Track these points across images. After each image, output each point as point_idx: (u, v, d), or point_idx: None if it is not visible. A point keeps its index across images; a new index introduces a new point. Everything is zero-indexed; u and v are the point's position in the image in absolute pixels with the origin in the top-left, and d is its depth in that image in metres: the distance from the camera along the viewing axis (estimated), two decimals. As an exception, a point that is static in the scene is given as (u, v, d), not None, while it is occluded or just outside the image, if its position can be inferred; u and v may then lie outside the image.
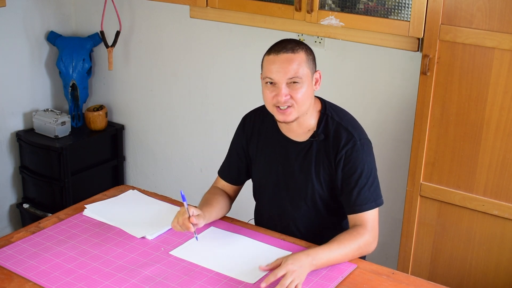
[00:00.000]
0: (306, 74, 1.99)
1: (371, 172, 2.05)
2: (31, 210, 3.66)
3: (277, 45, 2.02)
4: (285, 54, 1.98)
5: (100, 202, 2.31)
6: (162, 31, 3.52)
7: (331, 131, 2.06)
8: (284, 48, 1.99)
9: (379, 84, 2.90)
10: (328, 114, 2.09)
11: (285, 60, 1.97)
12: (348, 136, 2.04)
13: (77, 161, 3.59)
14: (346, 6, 2.56)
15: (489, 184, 2.37)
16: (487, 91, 2.30)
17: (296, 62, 1.97)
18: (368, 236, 2.00)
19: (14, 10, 3.48)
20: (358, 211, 2.02)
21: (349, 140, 2.04)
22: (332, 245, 1.94)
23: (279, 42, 2.03)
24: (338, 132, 2.05)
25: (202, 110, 3.50)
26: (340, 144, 2.04)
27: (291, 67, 1.97)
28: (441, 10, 2.31)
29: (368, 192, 2.03)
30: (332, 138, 2.05)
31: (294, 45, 2.00)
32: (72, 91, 3.67)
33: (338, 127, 2.06)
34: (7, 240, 2.05)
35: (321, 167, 2.08)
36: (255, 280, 1.84)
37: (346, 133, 2.05)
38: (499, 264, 2.43)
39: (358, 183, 2.02)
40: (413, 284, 1.87)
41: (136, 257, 1.96)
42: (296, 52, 1.99)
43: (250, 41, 3.22)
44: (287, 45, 2.00)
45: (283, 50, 1.98)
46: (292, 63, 1.97)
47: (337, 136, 2.05)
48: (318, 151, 2.08)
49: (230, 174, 2.29)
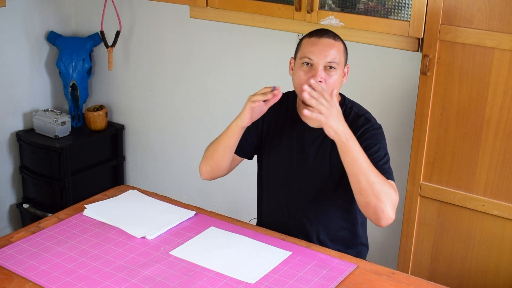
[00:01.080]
0: (342, 63, 2.08)
1: (386, 153, 2.09)
2: (31, 210, 3.66)
3: (319, 31, 2.10)
4: (327, 39, 2.07)
5: (100, 202, 2.31)
6: (162, 31, 3.52)
7: (348, 117, 2.11)
8: (326, 34, 2.08)
9: (379, 84, 2.90)
10: (347, 104, 2.16)
11: (328, 44, 2.05)
12: (365, 121, 2.11)
13: (77, 161, 3.59)
14: (346, 6, 2.56)
15: (489, 184, 2.37)
16: (487, 91, 2.30)
17: (336, 48, 2.06)
18: (392, 189, 1.96)
19: (14, 10, 3.48)
20: None
21: (365, 123, 2.11)
22: (366, 157, 1.94)
23: (319, 30, 2.11)
24: (356, 118, 2.12)
25: (202, 110, 3.50)
26: (357, 126, 2.09)
27: (332, 51, 2.05)
28: (441, 10, 2.31)
29: (386, 166, 2.05)
30: (349, 123, 2.04)
31: (334, 34, 2.10)
32: (72, 91, 3.67)
33: (356, 114, 2.14)
34: (7, 240, 2.05)
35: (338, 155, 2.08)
36: (255, 280, 1.84)
37: (363, 118, 2.12)
38: (499, 264, 2.43)
39: (376, 156, 2.04)
40: (413, 284, 1.87)
41: (136, 257, 1.96)
42: (337, 40, 2.09)
43: (250, 41, 3.22)
44: (328, 32, 2.09)
45: (325, 35, 2.08)
46: (333, 48, 2.05)
47: (354, 121, 2.11)
48: None
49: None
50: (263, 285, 1.82)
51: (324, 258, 1.97)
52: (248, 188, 2.48)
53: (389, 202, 1.92)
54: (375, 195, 1.91)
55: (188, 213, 2.23)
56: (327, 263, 1.94)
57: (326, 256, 1.98)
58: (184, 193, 3.66)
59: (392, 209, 1.94)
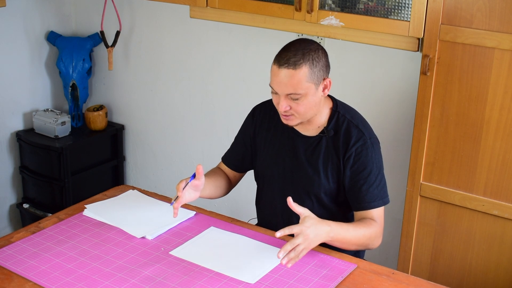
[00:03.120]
0: (307, 88, 1.98)
1: (380, 170, 2.10)
2: (31, 210, 3.66)
3: (283, 53, 1.98)
4: (285, 70, 1.95)
5: (100, 202, 2.31)
6: (162, 31, 3.52)
7: (341, 128, 2.09)
8: (287, 63, 1.95)
9: (379, 84, 2.90)
10: (339, 111, 2.12)
11: (285, 77, 1.96)
12: (358, 134, 2.08)
13: (77, 161, 3.59)
14: (346, 6, 2.56)
15: (489, 184, 2.37)
16: (487, 91, 2.30)
17: (296, 79, 1.96)
18: (378, 230, 2.06)
19: (14, 10, 3.48)
20: (366, 208, 2.08)
21: (359, 138, 2.07)
22: (349, 226, 2.00)
23: (287, 48, 1.99)
24: (349, 130, 2.09)
25: (202, 110, 3.50)
26: (350, 141, 2.07)
27: (290, 84, 1.96)
28: (441, 10, 2.31)
29: (376, 190, 2.07)
30: (343, 135, 2.08)
31: (299, 58, 1.95)
32: (72, 91, 3.67)
33: (349, 125, 2.10)
34: (7, 240, 2.05)
35: (330, 163, 2.11)
36: (255, 280, 1.84)
37: (357, 131, 2.08)
38: (499, 264, 2.43)
39: (367, 180, 2.06)
40: (413, 284, 1.87)
41: (136, 257, 1.96)
42: (298, 67, 1.95)
43: (250, 41, 3.22)
44: (290, 58, 1.95)
45: (285, 65, 1.95)
46: (293, 79, 1.96)
47: (347, 133, 2.08)
48: (327, 146, 2.11)
49: (233, 160, 2.32)
50: (263, 285, 1.82)
51: (324, 258, 1.98)
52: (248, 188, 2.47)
53: (377, 242, 2.07)
54: (364, 247, 2.07)
55: (188, 213, 2.23)
56: (327, 263, 1.94)
57: (326, 256, 1.98)
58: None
59: (379, 240, 2.08)
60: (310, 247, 1.87)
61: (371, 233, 2.03)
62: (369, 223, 2.05)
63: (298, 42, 2.02)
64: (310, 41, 2.03)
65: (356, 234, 2.00)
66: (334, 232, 1.93)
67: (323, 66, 2.01)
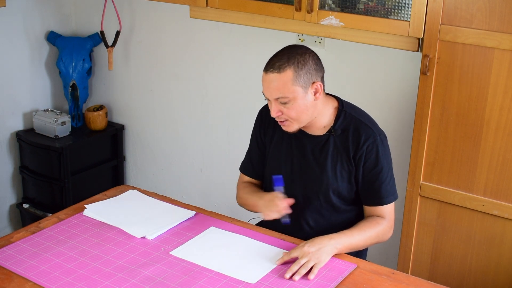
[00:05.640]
0: (294, 91, 1.99)
1: (390, 166, 2.14)
2: (31, 210, 3.66)
3: (271, 60, 2.02)
4: (271, 74, 1.99)
5: (100, 202, 2.31)
6: (162, 31, 3.52)
7: (350, 127, 2.11)
8: (272, 67, 1.99)
9: (379, 84, 2.90)
10: (346, 110, 2.14)
11: (272, 81, 1.99)
12: (368, 132, 2.10)
13: (77, 161, 3.59)
14: (346, 6, 2.56)
15: (489, 184, 2.37)
16: (487, 91, 2.30)
17: (281, 83, 1.98)
18: (386, 225, 2.12)
19: (14, 10, 3.48)
20: (379, 204, 2.12)
21: (369, 136, 2.09)
22: (354, 231, 2.04)
23: (275, 55, 2.04)
24: (358, 128, 2.10)
25: (202, 110, 3.50)
26: (360, 140, 2.09)
27: (275, 87, 1.99)
28: (441, 10, 2.31)
29: (388, 186, 2.12)
30: (352, 134, 2.10)
31: (284, 62, 1.98)
32: (72, 91, 3.67)
33: (357, 123, 2.11)
34: (7, 240, 2.05)
35: (338, 162, 2.12)
36: (255, 280, 1.85)
37: (366, 129, 2.10)
38: (499, 264, 2.43)
39: (379, 177, 2.10)
40: (413, 284, 1.87)
41: (136, 257, 1.97)
42: (283, 71, 1.97)
43: (250, 41, 3.22)
44: (276, 63, 1.99)
45: (270, 69, 1.99)
46: (277, 84, 1.98)
47: (356, 131, 2.10)
48: (335, 145, 2.12)
49: (254, 169, 2.32)
50: (263, 285, 1.83)
51: (324, 258, 1.98)
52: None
53: (387, 236, 2.14)
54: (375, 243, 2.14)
55: (188, 213, 2.23)
56: (327, 263, 1.94)
57: (326, 256, 1.98)
58: (184, 193, 3.66)
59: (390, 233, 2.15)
60: (321, 260, 1.91)
61: (378, 231, 2.09)
62: (375, 222, 2.09)
63: (286, 48, 2.06)
64: (298, 46, 2.07)
65: (363, 237, 2.05)
66: (340, 243, 1.98)
67: (311, 69, 2.01)
